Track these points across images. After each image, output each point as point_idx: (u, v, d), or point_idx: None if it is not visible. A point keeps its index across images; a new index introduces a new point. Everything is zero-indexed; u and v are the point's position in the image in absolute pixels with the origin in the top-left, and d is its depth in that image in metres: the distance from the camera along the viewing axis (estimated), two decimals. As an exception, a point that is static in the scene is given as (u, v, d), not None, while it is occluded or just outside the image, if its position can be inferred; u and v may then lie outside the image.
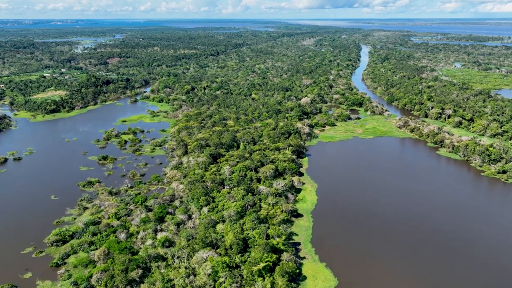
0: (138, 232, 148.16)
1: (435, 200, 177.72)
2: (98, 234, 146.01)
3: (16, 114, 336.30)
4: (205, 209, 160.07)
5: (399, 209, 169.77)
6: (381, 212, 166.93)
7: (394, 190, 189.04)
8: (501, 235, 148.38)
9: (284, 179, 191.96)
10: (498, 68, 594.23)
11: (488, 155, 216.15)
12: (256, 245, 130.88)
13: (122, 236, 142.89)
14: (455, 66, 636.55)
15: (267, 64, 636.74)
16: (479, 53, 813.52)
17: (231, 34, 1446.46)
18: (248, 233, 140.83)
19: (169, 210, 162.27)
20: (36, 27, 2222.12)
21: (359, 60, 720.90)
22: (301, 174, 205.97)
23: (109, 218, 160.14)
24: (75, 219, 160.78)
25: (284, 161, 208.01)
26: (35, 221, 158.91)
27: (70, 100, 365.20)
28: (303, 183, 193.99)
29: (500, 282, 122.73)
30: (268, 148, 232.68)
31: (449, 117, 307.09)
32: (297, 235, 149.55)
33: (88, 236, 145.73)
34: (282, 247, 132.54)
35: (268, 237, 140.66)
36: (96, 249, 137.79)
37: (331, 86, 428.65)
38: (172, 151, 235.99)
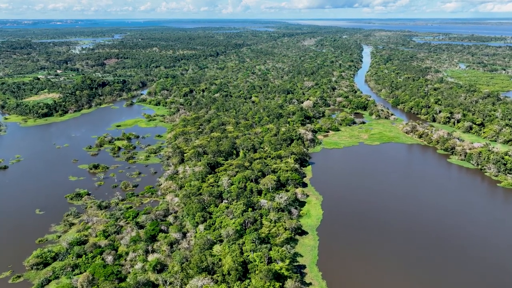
0: (127, 253, 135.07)
1: (450, 213, 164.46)
2: (83, 256, 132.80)
3: (6, 118, 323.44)
4: (201, 227, 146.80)
5: (410, 223, 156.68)
6: (391, 226, 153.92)
7: (404, 202, 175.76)
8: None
9: (287, 191, 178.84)
10: (504, 69, 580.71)
11: (504, 164, 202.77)
12: (257, 271, 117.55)
13: (109, 258, 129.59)
14: (459, 67, 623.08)
15: (268, 65, 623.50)
16: (483, 53, 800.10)
17: (231, 34, 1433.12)
18: (248, 255, 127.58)
19: (162, 228, 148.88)
20: (35, 27, 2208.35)
21: (361, 61, 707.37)
22: (304, 185, 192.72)
23: (96, 236, 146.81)
24: (59, 237, 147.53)
25: (287, 171, 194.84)
26: (15, 240, 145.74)
27: (64, 103, 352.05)
28: (307, 195, 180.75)
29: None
30: (269, 156, 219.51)
31: (458, 121, 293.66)
32: (302, 256, 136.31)
33: (72, 258, 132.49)
34: (286, 273, 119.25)
35: (270, 260, 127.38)
36: (81, 273, 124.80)
37: (333, 88, 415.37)
38: (167, 159, 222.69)
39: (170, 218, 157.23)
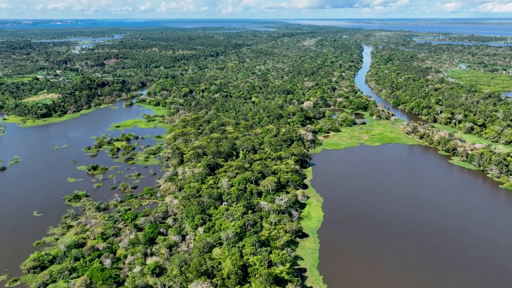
0: (125, 256, 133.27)
1: (451, 214, 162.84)
2: (81, 259, 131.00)
3: (5, 119, 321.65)
4: (200, 229, 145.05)
5: (412, 224, 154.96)
6: (392, 228, 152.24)
7: (405, 203, 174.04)
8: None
9: (287, 192, 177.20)
10: (505, 70, 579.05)
11: (506, 165, 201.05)
12: (257, 275, 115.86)
13: (108, 262, 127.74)
14: (460, 67, 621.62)
15: (268, 65, 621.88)
16: (484, 53, 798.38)
17: (231, 34, 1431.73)
18: (248, 259, 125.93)
19: (161, 230, 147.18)
20: (35, 27, 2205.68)
21: (362, 61, 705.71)
22: (305, 187, 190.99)
23: (94, 239, 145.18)
24: (57, 239, 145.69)
25: (287, 172, 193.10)
26: (13, 243, 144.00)
27: (63, 103, 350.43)
28: (308, 197, 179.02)
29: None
30: (270, 157, 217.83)
31: (459, 122, 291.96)
32: (302, 259, 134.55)
33: (70, 261, 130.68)
34: (286, 277, 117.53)
35: (270, 263, 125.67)
36: (78, 277, 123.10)
37: (334, 89, 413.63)
38: (167, 160, 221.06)
39: (169, 221, 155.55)
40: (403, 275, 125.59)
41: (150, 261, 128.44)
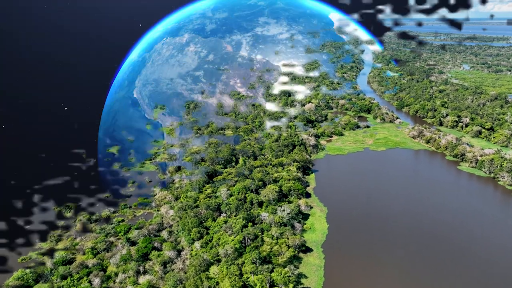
0: (116, 274, 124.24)
1: (464, 225, 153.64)
2: (69, 278, 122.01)
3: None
4: (197, 244, 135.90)
5: (423, 236, 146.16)
6: (402, 240, 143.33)
7: (414, 213, 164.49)
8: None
9: (290, 202, 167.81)
10: (510, 70, 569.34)
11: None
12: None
13: (97, 281, 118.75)
14: (463, 68, 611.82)
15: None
16: (487, 54, 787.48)
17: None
18: (248, 277, 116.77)
19: (155, 245, 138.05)
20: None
21: (364, 62, 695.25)
22: (308, 195, 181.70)
23: (84, 254, 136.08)
24: (44, 255, 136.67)
25: (289, 180, 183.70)
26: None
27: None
28: (311, 207, 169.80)
29: None
30: (271, 164, 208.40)
31: (466, 125, 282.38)
32: (306, 277, 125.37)
33: (57, 279, 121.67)
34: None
35: (272, 283, 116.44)
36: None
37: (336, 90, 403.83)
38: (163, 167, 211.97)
39: (164, 233, 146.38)
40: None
41: (142, 280, 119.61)
